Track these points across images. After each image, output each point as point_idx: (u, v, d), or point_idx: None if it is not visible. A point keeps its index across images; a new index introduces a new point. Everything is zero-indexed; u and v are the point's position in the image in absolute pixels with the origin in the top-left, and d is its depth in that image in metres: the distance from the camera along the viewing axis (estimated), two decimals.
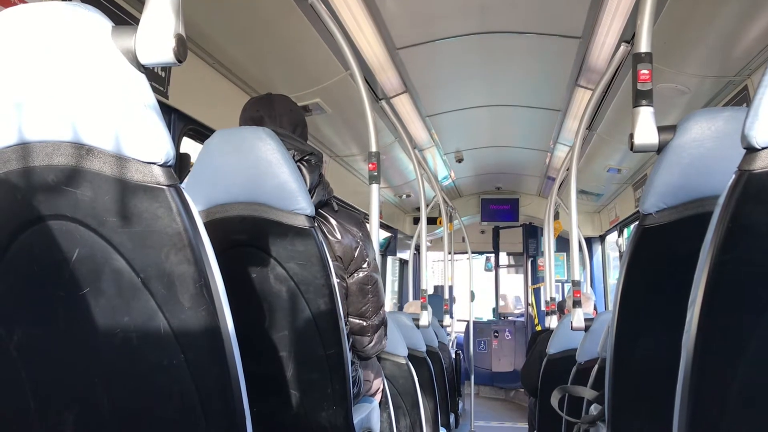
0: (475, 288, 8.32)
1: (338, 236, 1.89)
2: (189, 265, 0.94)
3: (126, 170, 0.93)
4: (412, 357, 3.72)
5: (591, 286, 6.97)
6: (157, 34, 0.93)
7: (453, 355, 6.36)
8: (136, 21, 0.94)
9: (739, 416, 0.79)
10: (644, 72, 1.56)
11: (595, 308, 5.16)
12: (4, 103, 0.94)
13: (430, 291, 7.42)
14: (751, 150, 0.80)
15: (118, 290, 0.94)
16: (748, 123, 0.79)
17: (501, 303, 10.79)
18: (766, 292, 0.76)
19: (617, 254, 6.69)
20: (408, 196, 7.02)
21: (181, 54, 0.95)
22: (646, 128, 1.47)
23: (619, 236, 6.39)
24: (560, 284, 8.45)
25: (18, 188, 0.94)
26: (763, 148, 0.78)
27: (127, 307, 0.94)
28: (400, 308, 8.25)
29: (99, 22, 0.92)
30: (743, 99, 3.02)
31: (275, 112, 1.97)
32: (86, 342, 0.96)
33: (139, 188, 0.93)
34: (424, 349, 4.23)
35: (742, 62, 2.85)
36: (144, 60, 0.93)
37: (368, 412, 2.06)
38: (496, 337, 9.68)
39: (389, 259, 8.36)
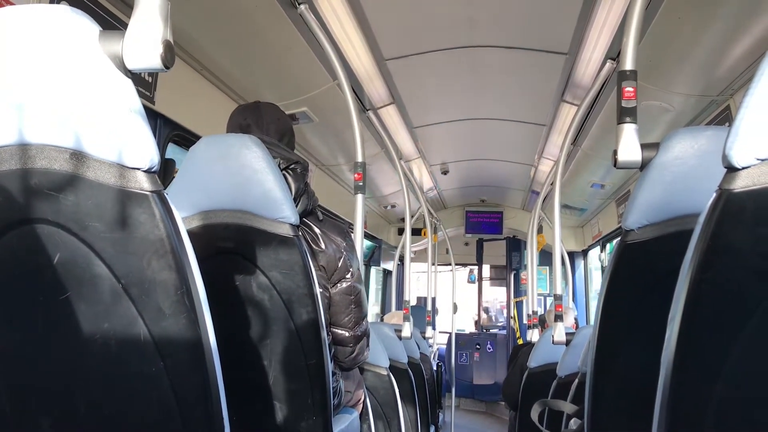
0: (457, 300, 8.32)
1: (322, 246, 1.88)
2: (171, 272, 0.93)
3: (109, 175, 0.92)
4: (394, 368, 3.71)
5: (573, 300, 7.00)
6: (145, 39, 0.93)
7: (434, 367, 6.35)
8: (124, 26, 0.94)
9: None
10: (629, 89, 1.58)
11: (576, 322, 5.18)
12: None
13: (413, 302, 7.41)
14: (731, 169, 0.81)
15: (98, 296, 0.93)
16: (729, 143, 0.80)
17: (483, 315, 10.81)
18: (745, 310, 0.77)
19: (600, 269, 6.73)
20: (393, 206, 7.03)
21: (168, 60, 0.94)
22: (629, 145, 1.48)
23: (601, 251, 6.43)
24: (543, 298, 8.48)
25: None
26: (744, 168, 0.79)
27: (107, 313, 0.93)
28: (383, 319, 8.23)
29: (86, 26, 0.92)
30: (726, 118, 3.06)
31: (263, 120, 1.97)
32: (65, 347, 0.95)
33: (122, 194, 0.92)
34: (405, 360, 4.22)
35: (725, 82, 2.90)
36: (131, 65, 0.93)
37: (348, 423, 2.05)
38: (477, 349, 9.68)
39: (373, 269, 8.36)
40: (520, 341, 8.33)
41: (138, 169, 0.93)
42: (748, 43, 2.50)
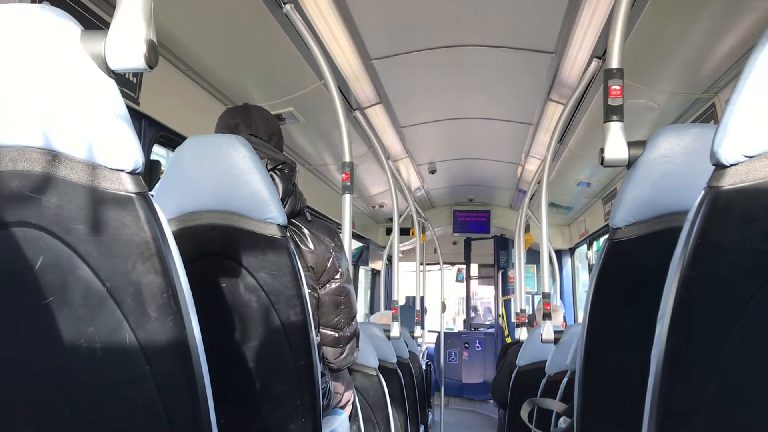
0: (446, 299, 8.34)
1: (311, 246, 1.88)
2: (156, 275, 0.92)
3: (93, 177, 0.91)
4: (383, 368, 3.71)
5: (561, 298, 7.03)
6: (128, 39, 0.92)
7: (423, 366, 6.35)
8: (107, 25, 0.93)
9: (707, 430, 0.80)
10: (615, 87, 1.58)
11: (564, 320, 5.20)
12: None
13: (402, 302, 7.42)
14: (719, 167, 0.81)
15: (83, 300, 0.91)
16: (717, 140, 0.80)
17: (472, 314, 10.85)
18: (734, 307, 0.77)
19: (587, 267, 6.76)
20: (381, 206, 7.02)
21: (152, 60, 0.93)
22: (616, 143, 1.48)
23: (588, 249, 6.46)
24: (530, 296, 8.51)
25: None
26: (732, 165, 0.79)
27: (91, 317, 0.91)
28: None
29: (68, 25, 0.91)
30: (711, 116, 3.08)
31: (251, 120, 1.96)
32: (49, 352, 0.93)
33: (106, 196, 0.91)
34: (394, 360, 4.22)
35: (710, 80, 2.91)
36: (114, 65, 0.92)
37: (338, 424, 2.04)
38: (466, 348, 9.71)
39: (361, 269, 8.35)
40: (509, 340, 8.36)
41: (122, 170, 0.92)
42: (732, 42, 2.52)
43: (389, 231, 7.96)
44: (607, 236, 1.47)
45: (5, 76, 0.90)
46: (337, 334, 1.96)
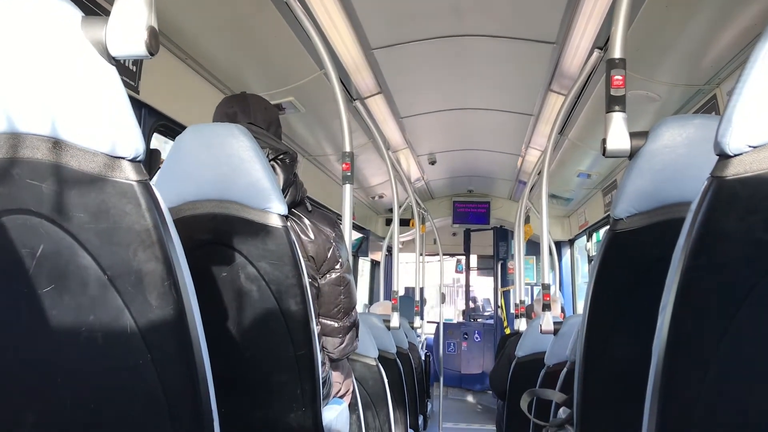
0: (445, 289, 8.35)
1: (311, 236, 1.88)
2: (157, 263, 0.91)
3: (94, 165, 0.90)
4: (382, 358, 3.71)
5: (560, 289, 7.04)
6: (129, 25, 0.91)
7: (423, 357, 6.37)
8: (107, 12, 0.92)
9: (709, 422, 0.80)
10: (617, 78, 1.57)
11: (563, 311, 5.21)
12: None
13: (401, 292, 7.42)
14: (723, 157, 0.80)
15: (83, 288, 0.91)
16: (720, 130, 0.80)
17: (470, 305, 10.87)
18: (737, 297, 0.77)
19: (586, 258, 6.76)
20: (381, 197, 7.02)
21: (153, 46, 0.93)
22: (618, 134, 1.47)
23: (588, 241, 6.46)
24: (530, 287, 8.52)
25: None
26: (736, 155, 0.79)
27: (92, 305, 0.91)
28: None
29: (68, 11, 0.90)
30: (712, 107, 3.07)
31: (249, 109, 1.96)
32: (49, 340, 0.93)
33: (107, 183, 0.90)
34: (394, 350, 4.23)
35: (712, 71, 2.90)
36: (114, 52, 0.91)
37: (338, 414, 2.04)
38: (465, 339, 9.73)
39: (361, 260, 8.36)
40: (508, 331, 8.38)
41: (123, 158, 0.91)
42: (735, 33, 2.51)
43: (389, 222, 7.96)
44: (608, 227, 1.47)
45: (4, 62, 0.89)
46: (336, 324, 1.96)
